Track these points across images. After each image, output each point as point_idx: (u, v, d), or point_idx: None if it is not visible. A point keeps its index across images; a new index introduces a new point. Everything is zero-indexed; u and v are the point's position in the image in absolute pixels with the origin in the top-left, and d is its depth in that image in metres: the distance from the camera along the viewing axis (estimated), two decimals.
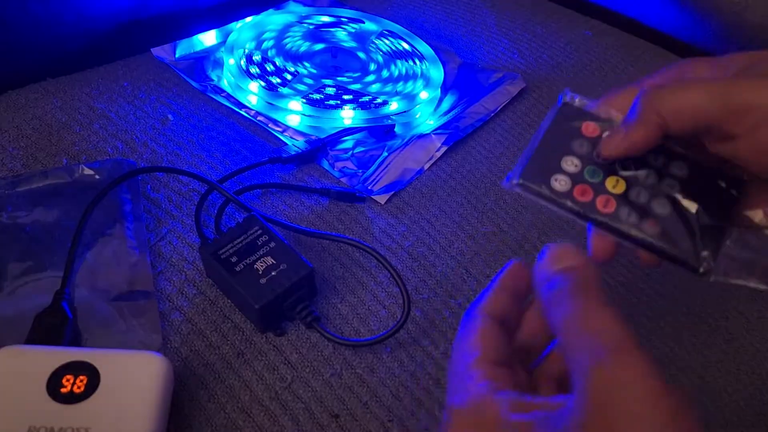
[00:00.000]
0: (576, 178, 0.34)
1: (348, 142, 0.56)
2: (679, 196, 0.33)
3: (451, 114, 0.61)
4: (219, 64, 0.62)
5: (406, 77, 0.63)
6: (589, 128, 0.35)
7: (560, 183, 0.33)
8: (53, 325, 0.38)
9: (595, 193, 0.33)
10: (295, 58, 0.63)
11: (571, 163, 0.34)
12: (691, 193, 0.33)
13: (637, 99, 0.33)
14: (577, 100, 0.36)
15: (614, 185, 0.34)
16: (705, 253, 0.33)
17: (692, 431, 0.22)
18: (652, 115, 0.32)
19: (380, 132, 0.57)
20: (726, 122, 0.31)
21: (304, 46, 0.64)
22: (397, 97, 0.60)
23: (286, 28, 0.66)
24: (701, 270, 0.32)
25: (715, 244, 0.33)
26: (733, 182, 0.34)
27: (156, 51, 0.61)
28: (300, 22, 0.67)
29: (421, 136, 0.57)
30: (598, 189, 0.33)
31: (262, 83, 0.58)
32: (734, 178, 0.34)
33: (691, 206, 0.33)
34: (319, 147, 0.54)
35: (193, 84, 0.59)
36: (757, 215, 0.34)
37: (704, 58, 0.35)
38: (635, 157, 0.34)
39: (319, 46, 0.65)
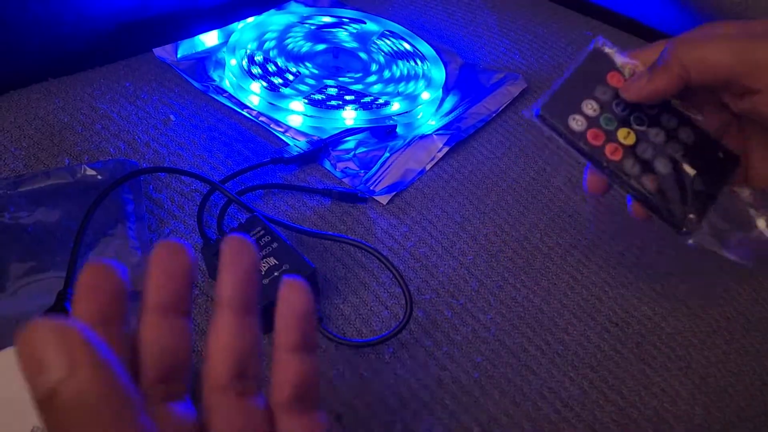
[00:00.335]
0: (592, 122, 0.36)
1: (350, 143, 0.56)
2: (681, 160, 0.36)
3: (452, 114, 0.61)
4: (221, 64, 0.62)
5: (408, 78, 0.63)
6: (614, 78, 0.37)
7: (577, 123, 0.36)
8: None
9: (607, 139, 0.36)
10: (297, 58, 0.63)
11: (590, 107, 0.36)
12: (692, 159, 0.36)
13: (664, 49, 0.35)
14: (607, 48, 0.38)
15: (625, 136, 0.36)
16: (691, 216, 0.36)
17: None
18: (676, 64, 0.34)
19: (382, 132, 0.57)
20: (746, 77, 0.33)
21: (305, 47, 0.64)
22: (399, 98, 0.60)
23: (288, 28, 0.66)
24: (684, 229, 0.36)
25: (702, 209, 0.36)
26: (731, 158, 0.37)
27: (158, 51, 0.61)
28: (301, 22, 0.67)
29: (423, 136, 0.58)
30: (610, 136, 0.36)
31: (264, 84, 0.58)
32: (733, 154, 0.37)
33: (690, 171, 0.36)
34: (321, 147, 0.54)
35: (195, 84, 0.59)
36: (744, 192, 0.37)
37: (734, 21, 0.36)
38: (650, 114, 0.37)
39: (321, 47, 0.65)
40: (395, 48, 0.66)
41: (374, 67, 0.63)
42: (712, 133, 0.37)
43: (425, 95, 0.61)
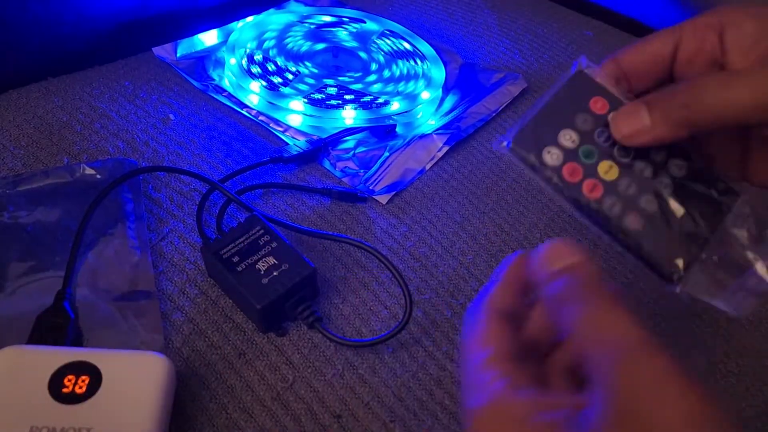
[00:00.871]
0: (569, 155, 0.32)
1: (349, 142, 0.56)
2: (669, 197, 0.32)
3: (452, 114, 0.61)
4: (220, 63, 0.61)
5: (408, 77, 0.63)
6: (598, 104, 0.33)
7: (552, 156, 0.32)
8: (55, 325, 0.38)
9: (585, 175, 0.32)
10: (297, 57, 0.63)
11: (569, 138, 0.32)
12: (682, 196, 0.32)
13: (668, 95, 0.30)
14: (592, 69, 0.34)
15: (606, 171, 0.32)
16: (679, 261, 0.31)
17: (721, 424, 0.21)
18: (685, 122, 0.30)
19: (382, 132, 0.57)
20: None
21: (305, 46, 0.64)
22: (399, 97, 0.60)
23: (288, 27, 0.66)
24: (672, 278, 0.31)
25: (692, 254, 0.31)
26: (727, 195, 0.33)
27: (157, 50, 0.61)
28: (301, 21, 0.67)
29: (423, 136, 0.57)
30: (589, 171, 0.32)
31: (264, 83, 0.58)
32: (731, 189, 0.33)
33: (678, 210, 0.32)
34: (321, 147, 0.54)
35: (195, 83, 0.59)
36: (741, 234, 0.32)
37: (748, 9, 0.32)
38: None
39: (321, 46, 0.65)
40: (395, 47, 0.66)
41: (374, 67, 0.63)
42: (707, 168, 0.33)
43: (425, 95, 0.60)
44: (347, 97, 0.59)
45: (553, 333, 0.30)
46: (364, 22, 0.68)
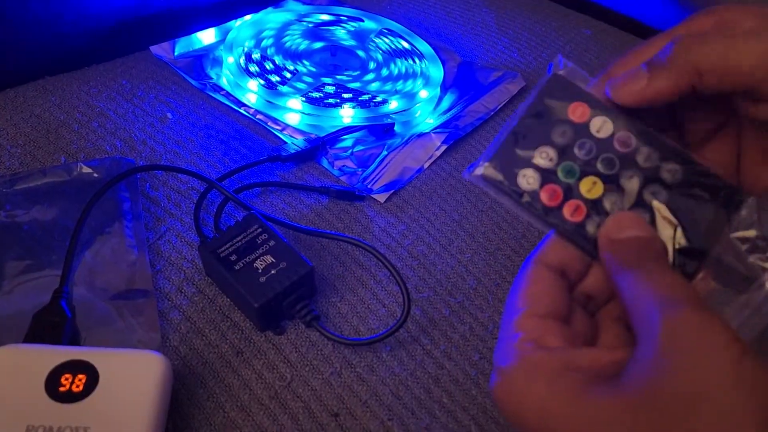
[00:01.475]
0: (547, 176, 0.29)
1: (347, 141, 0.56)
2: (659, 209, 0.28)
3: (450, 113, 0.60)
4: (218, 62, 0.61)
5: (406, 76, 0.62)
6: (578, 111, 0.29)
7: (527, 180, 0.28)
8: (52, 324, 0.38)
9: (565, 196, 0.29)
10: (295, 56, 0.63)
11: (545, 156, 0.29)
12: (676, 206, 0.28)
13: (670, 45, 0.28)
14: (569, 68, 0.30)
15: (590, 188, 0.28)
16: None
17: (755, 385, 0.21)
18: (686, 66, 0.27)
19: (380, 130, 0.57)
20: None
21: (303, 45, 0.64)
22: (397, 96, 0.60)
23: (286, 26, 0.66)
24: None
25: (689, 271, 0.28)
26: (730, 199, 0.29)
27: (155, 49, 0.61)
28: (299, 20, 0.67)
29: (421, 134, 0.57)
30: (570, 192, 0.29)
31: (262, 81, 0.58)
32: (734, 194, 0.29)
33: (671, 223, 0.28)
34: (319, 145, 0.54)
35: (192, 82, 0.59)
36: (747, 243, 0.28)
37: (747, 6, 0.30)
38: (623, 153, 0.29)
39: (319, 45, 0.65)
40: (393, 46, 0.66)
41: (372, 65, 0.63)
42: (707, 167, 0.29)
43: (423, 93, 0.60)
44: (345, 95, 0.59)
45: (609, 289, 0.29)
46: (363, 21, 0.68)
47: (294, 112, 0.57)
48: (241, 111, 0.57)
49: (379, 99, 0.59)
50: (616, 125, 0.29)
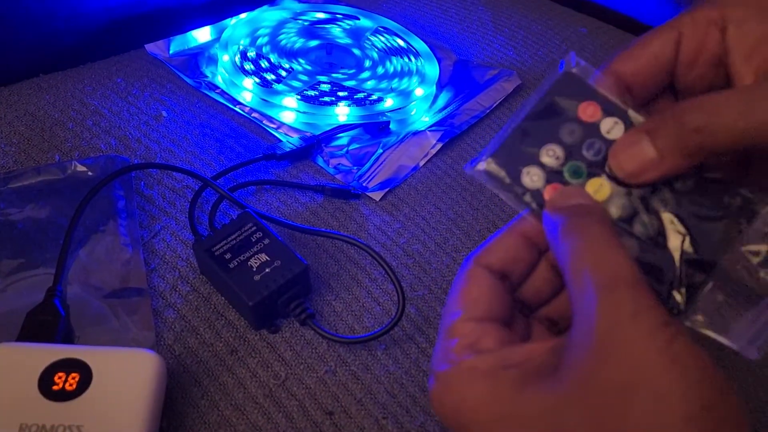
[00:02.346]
0: (552, 175, 0.28)
1: (343, 139, 0.56)
2: (668, 217, 0.27)
3: (446, 111, 0.60)
4: (213, 60, 0.61)
5: (401, 74, 0.62)
6: (588, 110, 0.28)
7: (532, 178, 0.28)
8: (45, 323, 0.38)
9: None
10: (290, 54, 0.62)
11: (552, 154, 0.28)
12: (686, 214, 0.27)
13: (675, 119, 0.26)
14: (582, 67, 0.29)
15: (596, 189, 0.27)
16: (677, 294, 0.26)
17: (685, 365, 0.21)
18: (699, 148, 0.25)
19: (375, 129, 0.57)
20: None
21: (298, 43, 0.64)
22: (392, 94, 0.59)
23: (281, 24, 0.66)
24: (671, 312, 0.26)
25: (696, 283, 0.27)
26: (744, 210, 0.27)
27: (150, 47, 0.60)
28: (295, 18, 0.67)
29: (416, 132, 0.57)
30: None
31: (257, 80, 0.58)
32: (748, 204, 0.27)
33: (680, 231, 0.27)
34: (314, 144, 0.54)
35: (187, 80, 0.59)
36: (757, 255, 0.27)
37: (750, 4, 0.29)
38: None
39: (314, 43, 0.65)
40: (389, 44, 0.66)
41: (368, 64, 0.63)
42: (720, 176, 0.28)
43: (419, 91, 0.60)
44: (341, 93, 0.58)
45: (552, 289, 0.29)
46: (358, 19, 0.68)
47: (289, 110, 0.57)
48: (237, 109, 0.57)
49: (374, 97, 0.59)
50: (627, 128, 0.28)
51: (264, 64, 0.60)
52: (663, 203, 0.27)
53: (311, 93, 0.58)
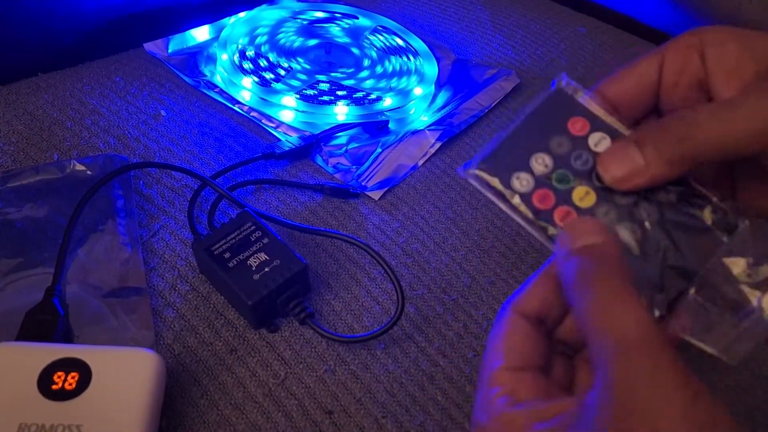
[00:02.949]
0: (540, 181, 0.29)
1: (342, 138, 0.56)
2: (652, 226, 0.28)
3: (445, 110, 0.60)
4: (212, 59, 0.61)
5: (400, 73, 0.62)
6: (577, 125, 0.30)
7: (521, 182, 0.29)
8: (44, 322, 0.38)
9: (557, 202, 0.29)
10: (289, 53, 0.62)
11: (541, 162, 0.29)
12: (669, 224, 0.28)
13: (659, 130, 0.28)
14: (572, 87, 0.31)
15: (582, 197, 0.29)
16: (659, 298, 0.27)
17: (714, 419, 0.21)
18: (681, 157, 0.27)
19: (374, 128, 0.57)
20: None
21: (297, 42, 0.64)
22: (391, 93, 0.59)
23: (280, 23, 0.66)
24: (655, 317, 0.27)
25: (676, 290, 0.28)
26: (724, 223, 0.29)
27: (148, 46, 0.60)
28: (293, 17, 0.67)
29: (415, 132, 0.57)
30: (562, 198, 0.29)
31: (256, 79, 0.58)
32: (727, 218, 0.29)
33: (662, 240, 0.28)
34: (313, 143, 0.54)
35: (186, 79, 0.58)
36: (737, 266, 0.28)
37: (732, 30, 0.30)
38: None
39: (313, 42, 0.65)
40: (388, 43, 0.66)
41: (366, 63, 0.63)
42: (702, 190, 0.29)
43: (417, 91, 0.60)
44: (339, 93, 0.58)
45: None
46: (357, 18, 0.68)
47: (288, 109, 0.57)
48: (235, 108, 0.57)
49: (373, 96, 0.59)
50: (615, 140, 0.30)
51: (263, 63, 0.60)
52: (647, 213, 0.29)
53: (310, 92, 0.58)
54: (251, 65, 0.59)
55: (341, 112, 0.57)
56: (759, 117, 0.26)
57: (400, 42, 0.66)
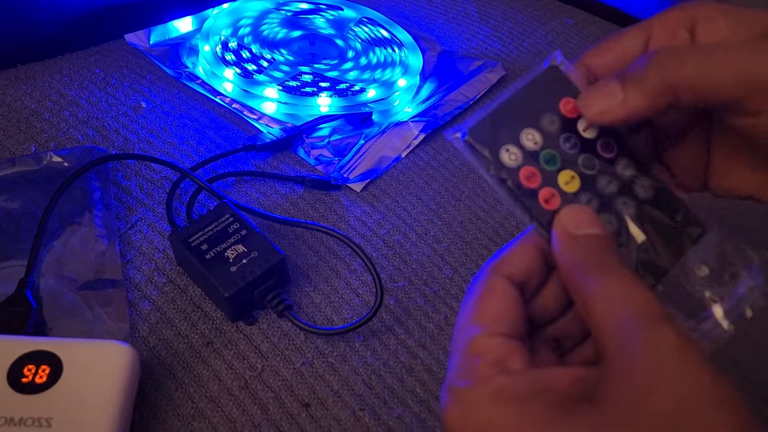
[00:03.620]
0: (529, 158, 0.28)
1: (324, 130, 0.55)
2: (630, 220, 0.29)
3: (429, 102, 0.60)
4: (194, 51, 0.61)
5: (385, 65, 0.62)
6: (569, 106, 0.29)
7: (510, 156, 0.28)
8: (16, 314, 0.37)
9: (543, 182, 0.28)
10: (272, 45, 0.62)
11: (531, 138, 0.29)
12: (645, 221, 0.29)
13: (644, 60, 0.27)
14: (566, 67, 0.30)
15: (567, 181, 0.29)
16: None
17: (733, 403, 0.21)
18: (662, 86, 0.27)
19: (357, 120, 0.56)
20: (749, 99, 0.27)
21: (281, 33, 0.63)
22: (375, 85, 0.59)
23: (264, 14, 0.65)
24: None
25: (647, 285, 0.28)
26: (693, 227, 0.30)
27: (130, 37, 0.60)
28: (277, 8, 0.66)
29: (399, 123, 0.57)
30: (548, 179, 0.29)
31: (238, 70, 0.57)
32: (696, 223, 0.30)
33: (638, 235, 0.29)
34: (295, 135, 0.53)
35: (168, 71, 0.58)
36: (701, 271, 0.29)
37: (721, 6, 0.29)
38: (604, 157, 0.29)
39: (297, 33, 0.64)
40: (372, 35, 0.65)
41: (351, 54, 0.63)
42: (676, 192, 0.30)
43: (402, 82, 0.60)
44: (322, 84, 0.58)
45: (555, 310, 0.28)
46: (342, 10, 0.68)
47: (270, 101, 0.56)
48: (217, 100, 0.56)
49: (356, 88, 0.58)
50: (601, 130, 0.29)
51: (245, 54, 0.60)
52: (625, 206, 0.29)
53: (293, 84, 0.57)
54: (233, 56, 0.59)
55: (324, 103, 0.56)
56: (746, 62, 0.26)
57: (385, 33, 0.65)
